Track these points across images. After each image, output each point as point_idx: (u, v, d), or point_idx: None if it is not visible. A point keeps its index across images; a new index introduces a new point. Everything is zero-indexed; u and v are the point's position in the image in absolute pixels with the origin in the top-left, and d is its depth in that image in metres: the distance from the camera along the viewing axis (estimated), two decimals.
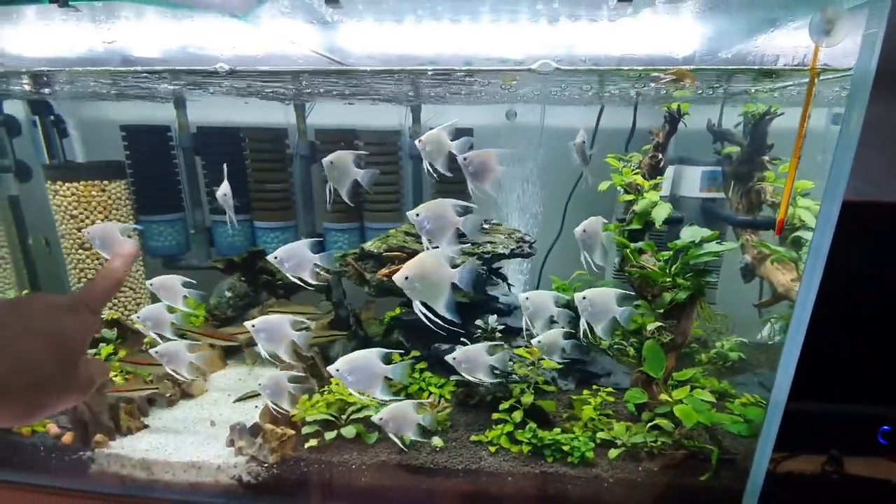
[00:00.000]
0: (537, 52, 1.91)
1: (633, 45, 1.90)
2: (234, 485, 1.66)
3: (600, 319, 1.42)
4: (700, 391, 1.54)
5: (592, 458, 1.58)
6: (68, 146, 2.34)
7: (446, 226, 1.48)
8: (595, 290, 1.45)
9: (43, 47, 2.02)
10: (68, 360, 0.66)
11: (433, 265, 1.37)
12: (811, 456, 1.40)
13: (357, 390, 1.50)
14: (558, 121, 2.65)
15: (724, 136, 2.12)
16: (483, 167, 1.66)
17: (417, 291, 1.36)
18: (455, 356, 1.57)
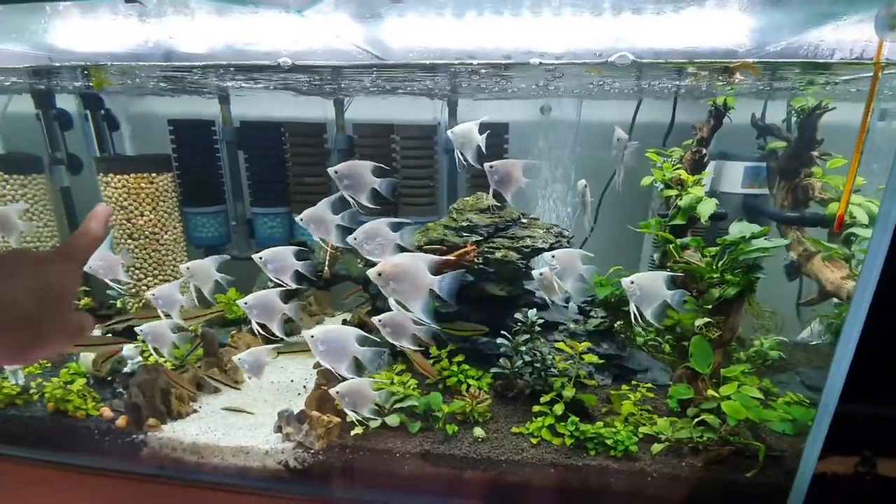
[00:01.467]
0: (580, 45, 1.91)
1: (679, 38, 1.89)
2: (280, 470, 1.70)
3: (650, 303, 1.42)
4: (748, 388, 1.52)
5: (636, 452, 1.58)
6: (118, 140, 2.42)
7: (385, 244, 1.57)
8: (643, 274, 1.46)
9: (93, 42, 2.08)
10: (55, 307, 0.71)
11: (410, 268, 1.40)
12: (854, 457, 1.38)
13: (325, 361, 1.54)
14: (592, 115, 2.64)
15: (769, 131, 2.08)
16: (507, 177, 1.70)
17: (392, 290, 1.39)
18: (381, 319, 1.59)
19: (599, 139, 2.55)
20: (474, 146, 1.74)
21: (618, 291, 2.08)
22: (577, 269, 1.58)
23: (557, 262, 1.63)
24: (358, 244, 1.56)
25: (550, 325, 2.09)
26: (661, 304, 1.44)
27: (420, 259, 1.41)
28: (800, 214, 1.91)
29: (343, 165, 1.57)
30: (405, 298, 1.41)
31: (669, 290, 1.47)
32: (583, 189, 1.91)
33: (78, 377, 1.93)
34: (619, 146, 1.78)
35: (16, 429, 1.87)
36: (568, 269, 1.61)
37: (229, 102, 2.38)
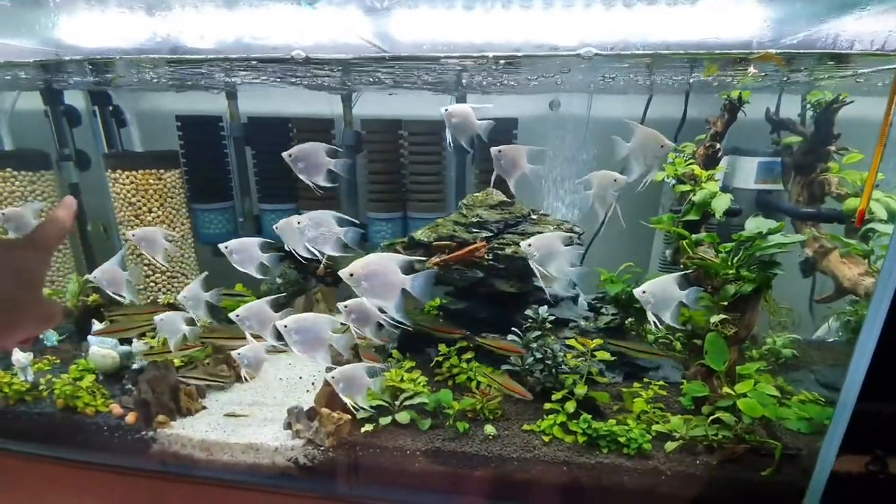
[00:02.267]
0: (591, 38, 1.89)
1: (693, 30, 1.86)
2: (290, 467, 1.69)
3: (666, 308, 1.41)
4: (764, 385, 1.50)
5: (650, 451, 1.56)
6: (125, 136, 2.41)
7: (328, 235, 1.61)
8: (653, 281, 1.44)
9: (100, 37, 2.08)
10: (27, 292, 0.73)
11: (381, 267, 1.41)
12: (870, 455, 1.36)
13: (299, 351, 1.53)
14: (602, 111, 2.61)
15: (784, 126, 2.05)
16: (512, 163, 1.69)
17: (364, 290, 1.41)
18: (346, 305, 1.57)
19: (610, 135, 2.52)
20: (471, 132, 1.71)
21: (629, 288, 2.06)
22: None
23: (535, 250, 1.62)
24: (301, 229, 1.59)
25: (561, 322, 2.07)
26: (677, 305, 1.42)
27: (391, 259, 1.43)
28: (816, 210, 1.88)
29: (296, 148, 1.58)
30: (378, 298, 1.42)
31: (682, 289, 1.46)
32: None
33: (87, 374, 1.93)
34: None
35: (25, 425, 1.87)
36: (548, 255, 1.60)
37: (237, 98, 2.36)
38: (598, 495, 1.56)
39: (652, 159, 1.40)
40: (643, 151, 1.41)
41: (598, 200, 1.50)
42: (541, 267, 1.63)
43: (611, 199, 1.46)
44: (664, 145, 1.38)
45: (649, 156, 1.40)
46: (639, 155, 1.42)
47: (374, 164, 2.54)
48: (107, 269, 1.74)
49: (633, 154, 1.43)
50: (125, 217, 2.24)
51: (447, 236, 2.01)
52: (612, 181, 1.45)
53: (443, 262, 1.95)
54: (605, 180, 1.49)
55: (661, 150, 1.40)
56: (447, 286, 2.13)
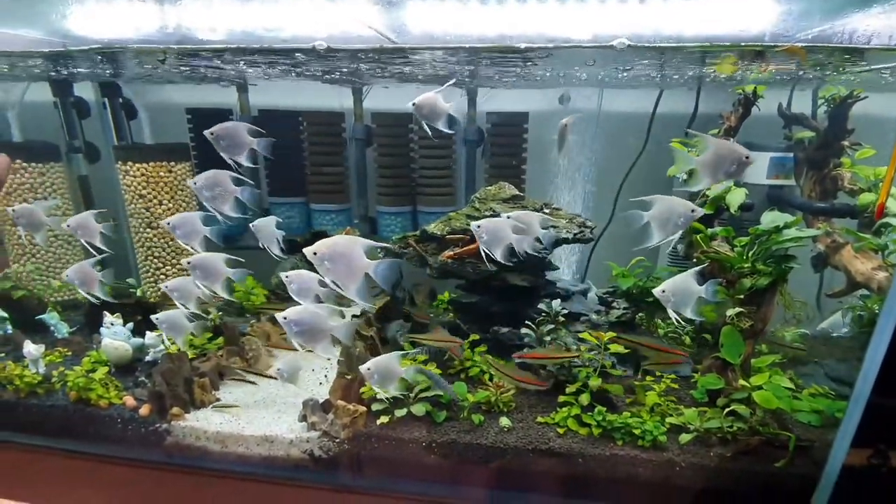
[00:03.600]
0: (603, 31, 1.89)
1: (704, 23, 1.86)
2: (305, 459, 1.70)
3: (686, 304, 1.41)
4: (778, 378, 1.52)
5: (664, 442, 1.58)
6: (136, 128, 2.40)
7: (224, 195, 1.64)
8: (671, 279, 1.44)
9: (110, 28, 2.06)
10: None
11: (345, 250, 1.41)
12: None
13: (299, 341, 1.53)
14: (611, 105, 2.61)
15: (797, 121, 2.06)
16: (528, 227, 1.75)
17: (326, 270, 1.41)
18: (287, 275, 1.59)
19: (619, 128, 2.53)
20: (443, 116, 1.74)
21: (640, 283, 2.07)
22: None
23: (484, 233, 1.67)
24: (197, 189, 1.63)
25: (572, 315, 2.08)
26: (696, 301, 1.43)
27: (357, 243, 1.43)
28: (829, 205, 1.89)
29: (218, 126, 1.59)
30: (340, 279, 1.42)
31: (700, 284, 1.46)
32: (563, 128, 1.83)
33: (100, 366, 1.92)
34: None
35: (37, 418, 1.86)
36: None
37: (247, 91, 2.35)
38: (614, 486, 1.57)
39: (726, 174, 1.29)
40: (716, 165, 1.30)
41: (660, 225, 1.39)
42: (487, 248, 1.68)
43: (676, 229, 1.37)
44: (748, 157, 1.26)
45: (724, 170, 1.29)
46: (711, 169, 1.31)
47: (384, 158, 2.54)
48: (80, 269, 1.77)
49: (704, 168, 1.31)
50: (136, 209, 2.23)
51: (460, 230, 2.02)
52: (687, 211, 1.35)
53: (456, 255, 1.96)
54: (676, 208, 1.38)
55: (744, 163, 1.26)
56: (459, 279, 2.14)
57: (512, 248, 1.97)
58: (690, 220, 1.35)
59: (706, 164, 1.31)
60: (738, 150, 1.28)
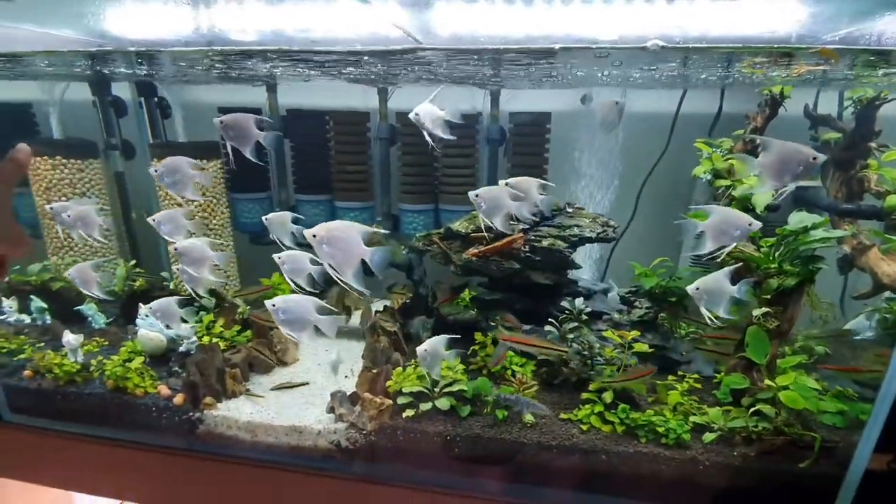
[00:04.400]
0: (629, 31, 1.90)
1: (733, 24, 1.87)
2: (332, 449, 1.75)
3: (718, 303, 1.43)
4: (804, 378, 1.52)
5: (688, 441, 1.59)
6: (169, 126, 2.47)
7: (184, 180, 1.76)
8: (704, 277, 1.46)
9: (146, 29, 2.13)
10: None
11: (344, 235, 1.46)
12: None
13: (285, 329, 1.59)
14: (634, 105, 2.61)
15: (823, 122, 2.05)
16: (526, 193, 1.83)
17: (324, 253, 1.46)
18: (280, 256, 1.64)
19: (642, 129, 2.53)
20: (441, 122, 1.81)
21: (663, 283, 2.08)
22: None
23: (483, 202, 1.73)
24: (158, 175, 1.74)
25: (594, 314, 2.10)
26: (728, 300, 1.44)
27: (355, 228, 1.47)
28: (855, 206, 1.89)
29: (228, 116, 1.63)
30: (337, 263, 1.47)
31: (733, 284, 1.48)
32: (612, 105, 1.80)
33: (136, 356, 1.99)
34: None
35: (76, 406, 1.94)
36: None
37: (276, 91, 2.41)
38: (638, 483, 1.59)
39: (793, 176, 1.26)
40: (781, 167, 1.28)
41: (715, 236, 1.38)
42: (487, 218, 1.75)
43: (731, 241, 1.36)
44: (816, 157, 1.23)
45: (790, 172, 1.26)
46: (776, 171, 1.28)
47: (407, 157, 2.57)
48: (79, 269, 1.91)
49: (768, 170, 1.29)
50: (169, 205, 2.30)
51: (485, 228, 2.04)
52: (745, 224, 1.33)
53: (481, 253, 1.99)
54: (734, 220, 1.35)
55: (812, 164, 1.24)
56: (482, 276, 2.17)
57: (533, 247, 2.01)
58: (747, 233, 1.34)
59: (771, 167, 1.28)
60: (804, 150, 1.25)
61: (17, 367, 2.03)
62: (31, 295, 2.31)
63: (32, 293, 2.32)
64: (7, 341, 2.15)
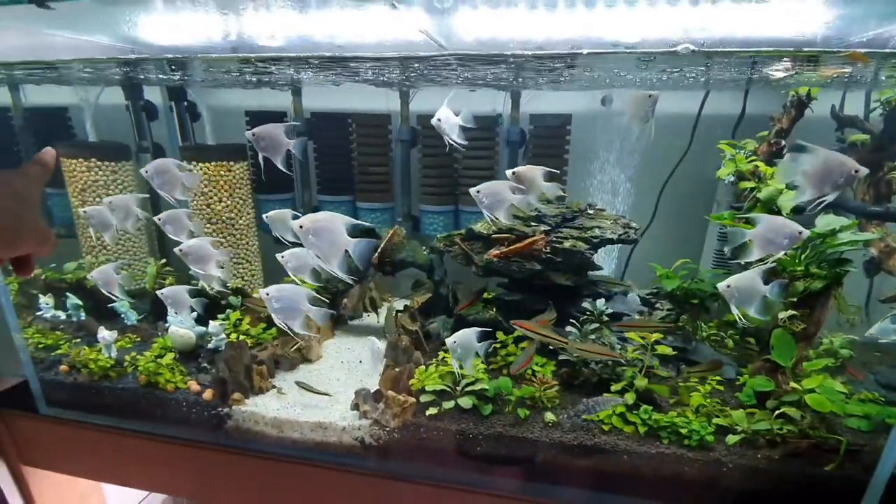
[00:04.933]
0: (652, 34, 1.90)
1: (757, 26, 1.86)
2: (356, 446, 1.78)
3: (750, 302, 1.42)
4: (831, 381, 1.51)
5: (712, 443, 1.59)
6: (198, 129, 2.54)
7: (173, 181, 1.86)
8: (737, 276, 1.46)
9: (177, 36, 2.19)
10: (26, 212, 0.91)
11: (329, 225, 1.53)
12: None
13: (278, 317, 1.66)
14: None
15: (850, 123, 2.03)
16: (531, 182, 1.82)
17: (310, 243, 1.53)
18: (283, 255, 1.70)
19: (663, 130, 2.53)
20: (457, 128, 1.86)
21: (685, 285, 2.08)
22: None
23: (484, 197, 1.78)
24: (149, 177, 1.83)
25: (615, 316, 2.10)
26: (761, 299, 1.44)
27: (339, 219, 1.54)
28: (883, 209, 1.86)
29: (259, 128, 1.70)
30: (323, 253, 1.54)
31: (766, 284, 1.48)
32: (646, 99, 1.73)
33: (167, 352, 2.06)
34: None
35: (109, 400, 2.01)
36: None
37: (301, 94, 2.46)
38: (660, 484, 1.60)
39: (833, 187, 1.26)
40: (823, 177, 1.27)
41: (762, 244, 1.37)
42: (490, 213, 1.80)
43: (779, 249, 1.36)
44: (858, 171, 1.22)
45: (831, 182, 1.25)
46: (817, 180, 1.27)
47: (427, 159, 2.61)
48: (102, 272, 1.99)
49: (809, 178, 1.28)
50: (197, 205, 2.37)
51: (506, 229, 2.07)
52: (794, 232, 1.33)
53: (503, 254, 2.01)
54: (783, 228, 1.35)
55: (853, 176, 1.22)
56: (503, 277, 2.19)
57: (555, 248, 2.02)
58: (796, 241, 1.34)
59: (812, 175, 1.27)
60: (847, 162, 1.24)
61: (54, 362, 2.11)
62: (66, 292, 2.40)
63: (68, 290, 2.40)
64: (44, 337, 2.23)
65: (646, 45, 1.89)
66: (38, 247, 0.94)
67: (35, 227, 0.92)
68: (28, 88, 2.64)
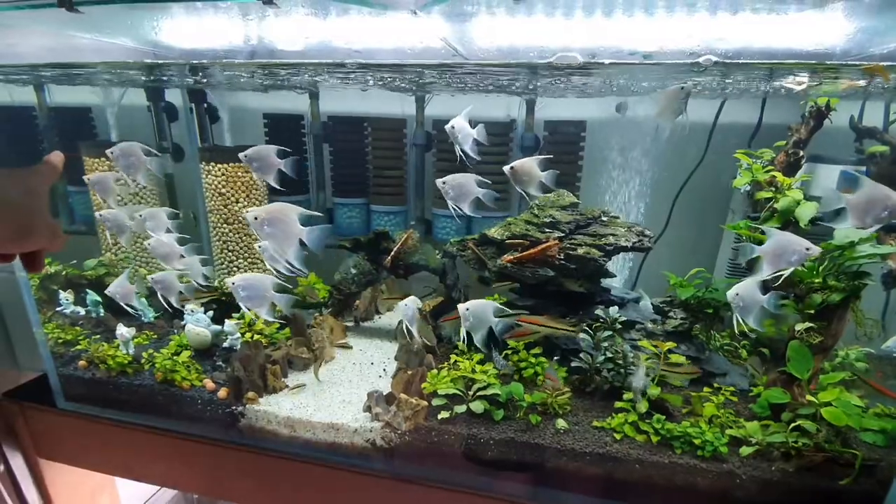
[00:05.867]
0: (670, 44, 1.90)
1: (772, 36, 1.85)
2: (368, 448, 1.80)
3: (749, 312, 1.43)
4: (847, 395, 1.50)
5: (725, 454, 1.58)
6: (217, 131, 2.59)
7: (138, 165, 1.92)
8: (741, 283, 1.46)
9: (198, 39, 2.23)
10: (35, 208, 0.94)
11: (282, 216, 1.57)
12: None
13: (246, 305, 1.72)
14: None
15: (870, 134, 2.01)
16: (527, 175, 1.88)
17: (266, 234, 1.57)
18: (260, 245, 1.73)
19: (678, 138, 2.52)
20: (470, 139, 1.90)
21: (699, 293, 2.07)
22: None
23: (450, 189, 1.84)
24: (114, 158, 1.90)
25: (627, 324, 2.09)
26: (760, 310, 1.44)
27: (291, 209, 1.59)
28: None
29: (251, 150, 1.81)
30: (278, 243, 1.59)
31: (763, 294, 1.48)
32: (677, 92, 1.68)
33: (183, 349, 2.09)
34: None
35: (126, 396, 2.04)
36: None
37: (318, 98, 2.50)
38: (673, 494, 1.59)
39: (876, 220, 1.27)
40: (868, 209, 1.27)
41: (772, 261, 1.39)
42: (455, 204, 1.86)
43: (788, 266, 1.37)
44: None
45: (875, 215, 1.26)
46: (861, 212, 1.28)
47: (441, 163, 2.62)
48: (119, 284, 2.10)
49: (854, 210, 1.28)
50: (215, 206, 2.40)
51: (520, 235, 2.07)
52: (802, 249, 1.36)
53: (517, 260, 2.02)
54: (791, 245, 1.37)
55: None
56: (515, 283, 2.19)
57: (568, 254, 2.02)
58: (805, 257, 1.35)
59: (857, 206, 1.28)
60: (894, 196, 1.24)
61: (73, 358, 2.15)
62: (86, 288, 2.44)
63: (88, 287, 2.45)
64: (63, 332, 2.27)
65: (664, 54, 1.90)
66: (49, 242, 0.96)
67: (45, 222, 0.95)
68: (52, 87, 2.70)
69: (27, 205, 0.92)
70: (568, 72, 1.98)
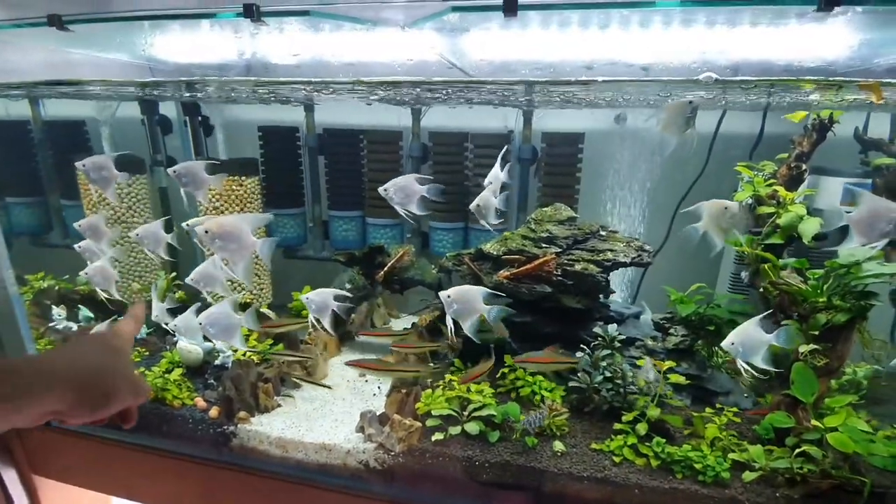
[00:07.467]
0: (667, 57, 1.87)
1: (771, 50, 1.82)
2: (360, 469, 1.75)
3: (756, 353, 1.40)
4: (854, 420, 1.44)
5: (727, 479, 1.53)
6: (211, 144, 2.57)
7: (108, 176, 1.91)
8: (737, 329, 1.44)
9: (192, 54, 2.22)
10: (119, 370, 0.95)
11: (234, 229, 1.52)
12: None
13: (219, 341, 1.70)
14: None
15: (875, 146, 1.96)
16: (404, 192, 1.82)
17: (217, 247, 1.52)
18: (308, 297, 1.77)
19: (678, 149, 2.49)
20: (493, 211, 1.92)
21: (700, 310, 2.02)
22: (417, 191, 1.65)
23: (392, 193, 1.80)
24: (85, 171, 1.90)
25: (627, 341, 2.04)
26: (766, 349, 1.40)
27: (244, 220, 1.54)
28: None
29: (180, 166, 1.77)
30: (231, 257, 1.53)
31: (769, 332, 1.45)
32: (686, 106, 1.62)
33: (175, 367, 2.06)
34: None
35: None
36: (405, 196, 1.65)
37: (313, 111, 2.48)
38: None
39: (881, 235, 1.24)
40: (871, 224, 1.25)
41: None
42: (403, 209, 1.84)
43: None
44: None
45: (879, 230, 1.24)
46: (864, 228, 1.26)
47: (439, 176, 2.59)
48: (97, 269, 2.06)
49: (857, 226, 1.26)
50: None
51: (517, 250, 2.03)
52: (721, 209, 1.42)
53: (513, 276, 1.98)
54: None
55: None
56: (511, 299, 2.15)
57: (565, 270, 1.98)
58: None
59: (860, 222, 1.24)
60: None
61: None
62: (79, 304, 2.42)
63: (80, 302, 2.43)
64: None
65: (661, 68, 1.87)
66: (135, 399, 0.97)
67: (129, 382, 0.95)
68: (47, 101, 2.70)
69: (111, 368, 0.93)
70: (566, 88, 1.95)
